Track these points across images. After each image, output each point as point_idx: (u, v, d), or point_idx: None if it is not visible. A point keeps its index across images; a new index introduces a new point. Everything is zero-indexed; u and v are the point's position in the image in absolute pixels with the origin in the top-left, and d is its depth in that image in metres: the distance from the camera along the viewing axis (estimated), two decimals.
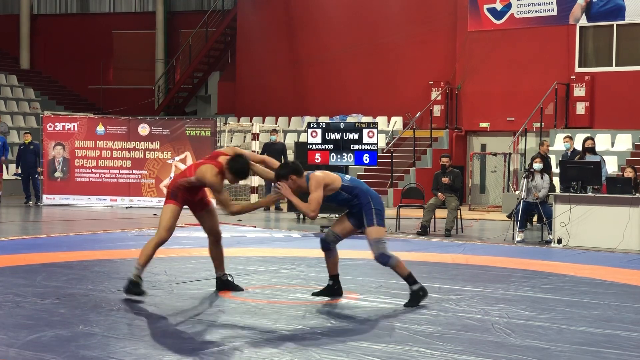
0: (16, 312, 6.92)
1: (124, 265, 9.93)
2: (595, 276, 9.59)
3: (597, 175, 12.41)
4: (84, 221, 16.10)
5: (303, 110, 25.43)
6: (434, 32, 23.64)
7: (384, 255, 7.48)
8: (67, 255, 10.65)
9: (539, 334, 6.35)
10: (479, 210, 20.16)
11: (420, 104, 23.02)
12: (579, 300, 7.92)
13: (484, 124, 22.59)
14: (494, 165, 21.99)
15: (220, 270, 8.09)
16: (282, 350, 5.75)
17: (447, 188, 14.22)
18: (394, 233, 14.21)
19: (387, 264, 7.51)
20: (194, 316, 6.85)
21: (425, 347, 5.88)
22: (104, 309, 7.08)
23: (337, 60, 25.19)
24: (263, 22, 27.05)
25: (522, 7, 21.98)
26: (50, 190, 19.64)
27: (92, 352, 5.58)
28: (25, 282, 8.41)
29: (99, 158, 19.54)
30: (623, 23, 20.87)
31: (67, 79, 31.37)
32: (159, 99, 30.13)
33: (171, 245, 11.83)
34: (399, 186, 20.10)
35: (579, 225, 12.32)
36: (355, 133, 14.19)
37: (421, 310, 7.27)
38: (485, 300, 7.82)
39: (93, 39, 31.19)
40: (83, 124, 19.70)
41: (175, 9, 31.11)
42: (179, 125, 19.41)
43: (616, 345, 6.05)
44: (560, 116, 21.38)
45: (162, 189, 19.19)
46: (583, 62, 21.52)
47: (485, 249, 12.26)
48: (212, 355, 5.60)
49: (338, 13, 25.51)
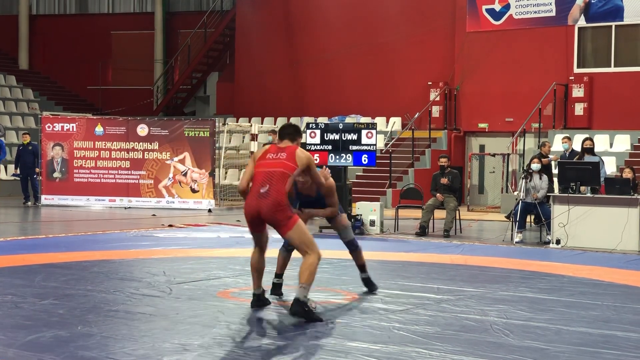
0: (15, 312, 6.91)
1: (122, 265, 9.93)
2: (594, 277, 9.60)
3: (596, 176, 12.41)
4: (83, 222, 16.10)
5: (302, 111, 25.43)
6: (433, 33, 23.65)
7: (356, 240, 8.11)
8: (65, 255, 10.65)
9: (538, 335, 6.36)
10: (478, 210, 20.17)
11: (419, 104, 23.04)
12: (577, 300, 7.93)
13: (482, 124, 22.61)
14: (492, 165, 22.00)
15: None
16: (280, 351, 5.75)
17: (446, 189, 14.23)
18: (393, 233, 14.22)
19: (357, 248, 8.06)
20: (192, 317, 6.85)
21: (423, 347, 5.88)
22: (102, 309, 7.08)
23: (335, 61, 25.21)
24: (262, 22, 27.06)
25: (520, 7, 22.00)
26: (49, 190, 19.64)
27: (91, 352, 5.58)
28: (24, 282, 8.41)
29: (98, 159, 19.54)
30: (622, 24, 20.88)
31: (65, 79, 31.37)
32: (158, 100, 30.13)
33: (170, 245, 11.87)
34: (398, 187, 20.11)
35: (578, 226, 12.32)
36: (354, 134, 14.19)
37: (419, 310, 7.27)
38: (483, 300, 7.82)
39: (92, 40, 31.18)
40: (82, 125, 19.70)
41: (174, 10, 31.11)
42: (178, 125, 19.41)
43: (614, 345, 6.05)
44: (558, 117, 21.40)
45: (161, 190, 19.22)
46: (582, 62, 21.54)
47: (484, 250, 12.27)
48: (211, 355, 5.60)
49: (337, 14, 25.52)
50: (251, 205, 6.80)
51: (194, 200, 19.01)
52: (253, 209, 6.78)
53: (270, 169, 6.79)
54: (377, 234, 14.03)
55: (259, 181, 6.79)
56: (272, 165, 6.81)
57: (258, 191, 6.74)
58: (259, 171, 6.83)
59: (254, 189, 6.81)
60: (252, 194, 6.82)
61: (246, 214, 6.91)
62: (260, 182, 6.77)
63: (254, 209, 6.78)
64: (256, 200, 6.76)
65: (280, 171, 6.75)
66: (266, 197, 6.70)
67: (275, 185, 6.71)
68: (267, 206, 6.70)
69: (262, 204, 6.72)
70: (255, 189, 6.79)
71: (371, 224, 14.12)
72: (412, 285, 8.67)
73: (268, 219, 6.78)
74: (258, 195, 6.74)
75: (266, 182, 6.73)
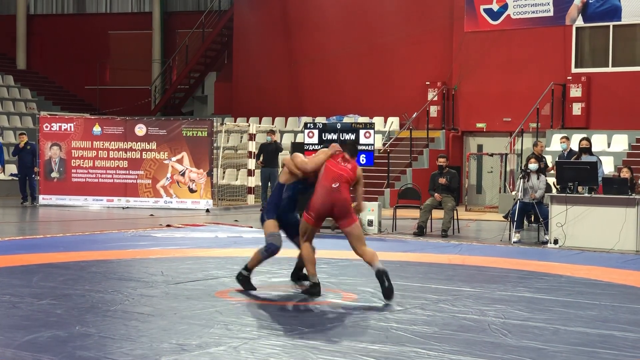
0: (13, 312, 6.91)
1: (120, 265, 9.93)
2: (592, 277, 9.61)
3: (594, 175, 12.42)
4: (81, 222, 16.09)
5: (300, 111, 25.43)
6: (431, 33, 23.65)
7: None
8: (63, 255, 10.65)
9: (535, 335, 6.37)
10: (476, 210, 20.18)
11: (417, 104, 23.03)
12: (575, 300, 7.94)
13: (480, 124, 22.61)
14: (490, 165, 22.01)
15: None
16: (279, 351, 5.75)
17: (444, 188, 14.23)
18: (391, 233, 14.22)
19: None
20: (190, 317, 6.85)
21: (421, 347, 5.89)
22: (100, 309, 7.08)
23: (333, 61, 25.20)
24: (260, 22, 27.05)
25: (518, 7, 22.01)
26: (46, 190, 19.62)
27: (89, 352, 5.58)
28: (21, 282, 8.41)
29: (96, 158, 19.52)
30: (619, 24, 20.89)
31: (63, 79, 31.35)
32: (156, 100, 30.11)
33: (168, 245, 11.86)
34: (396, 187, 20.11)
35: (576, 226, 12.33)
36: (352, 133, 14.20)
37: (417, 310, 7.28)
38: (481, 300, 7.83)
39: (89, 40, 31.16)
40: (79, 125, 19.68)
41: (172, 10, 31.09)
42: (176, 125, 19.40)
43: (612, 345, 6.06)
44: (556, 117, 21.40)
45: (159, 190, 19.21)
46: (579, 62, 21.54)
47: (482, 250, 12.28)
48: (209, 355, 5.61)
49: (335, 13, 25.51)
50: (326, 198, 7.79)
51: (192, 200, 19.01)
52: (328, 202, 7.78)
53: (340, 172, 7.88)
54: (375, 233, 14.03)
55: (330, 177, 7.82)
56: (341, 169, 7.91)
57: (330, 186, 7.79)
58: (331, 169, 7.86)
59: (325, 184, 7.80)
60: (324, 188, 7.79)
61: (319, 207, 7.79)
62: (332, 178, 7.81)
63: (329, 201, 7.78)
64: (330, 194, 7.79)
65: (346, 177, 7.90)
66: (339, 192, 7.79)
67: (344, 185, 7.88)
68: (341, 200, 7.78)
69: (336, 198, 7.77)
70: (327, 184, 7.80)
71: (369, 224, 14.12)
72: (410, 285, 8.68)
73: (340, 211, 7.81)
74: (331, 189, 7.79)
75: (337, 180, 7.82)
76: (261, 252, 8.09)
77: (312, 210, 7.81)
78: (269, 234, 8.07)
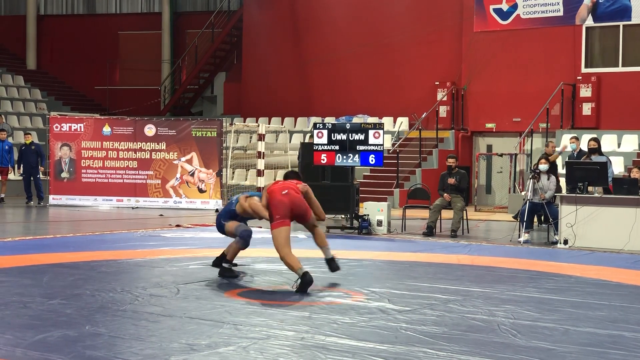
0: (23, 312, 6.94)
1: (130, 265, 9.95)
2: (601, 277, 9.58)
3: (604, 176, 12.38)
4: (91, 222, 16.13)
5: (309, 111, 25.45)
6: (440, 33, 23.63)
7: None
8: (73, 255, 10.68)
9: (545, 335, 6.35)
10: (485, 211, 20.14)
11: (426, 104, 23.02)
12: (584, 301, 7.92)
13: (490, 124, 22.58)
14: (500, 166, 21.98)
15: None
16: (288, 351, 5.75)
17: (453, 189, 14.22)
18: (400, 234, 14.21)
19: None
20: (200, 317, 6.86)
21: (430, 347, 5.88)
22: (110, 309, 7.10)
23: (343, 61, 25.21)
24: (269, 22, 27.08)
25: (528, 7, 21.97)
26: (56, 190, 19.69)
27: (99, 352, 5.60)
28: (32, 282, 8.44)
29: (106, 159, 19.58)
30: (629, 23, 20.83)
31: (73, 79, 31.44)
32: (165, 100, 30.17)
33: (177, 245, 11.88)
34: (405, 187, 20.10)
35: (586, 226, 12.30)
36: (361, 134, 14.19)
37: (427, 310, 7.27)
38: (490, 301, 7.82)
39: (99, 40, 31.25)
40: (89, 125, 19.74)
41: (182, 10, 31.15)
42: (185, 125, 19.43)
43: (622, 346, 6.04)
44: (566, 117, 21.35)
45: (169, 190, 19.25)
46: (589, 62, 21.49)
47: (491, 250, 12.26)
48: (218, 355, 5.61)
49: (344, 14, 25.52)
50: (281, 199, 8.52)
51: (201, 200, 19.04)
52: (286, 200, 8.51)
53: (285, 186, 8.65)
54: (385, 234, 14.03)
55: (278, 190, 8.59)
56: (286, 185, 8.71)
57: (281, 193, 8.53)
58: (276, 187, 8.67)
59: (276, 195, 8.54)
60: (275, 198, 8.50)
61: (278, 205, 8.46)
62: (280, 190, 8.55)
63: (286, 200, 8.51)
64: (283, 197, 8.49)
65: (293, 187, 8.65)
66: (289, 195, 8.53)
67: (292, 191, 8.60)
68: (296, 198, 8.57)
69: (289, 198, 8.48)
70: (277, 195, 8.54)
71: (378, 224, 14.12)
72: (419, 285, 8.67)
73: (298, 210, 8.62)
74: (282, 195, 8.51)
75: (286, 189, 8.58)
76: (237, 241, 8.99)
77: (277, 214, 8.34)
78: (236, 227, 9.03)
